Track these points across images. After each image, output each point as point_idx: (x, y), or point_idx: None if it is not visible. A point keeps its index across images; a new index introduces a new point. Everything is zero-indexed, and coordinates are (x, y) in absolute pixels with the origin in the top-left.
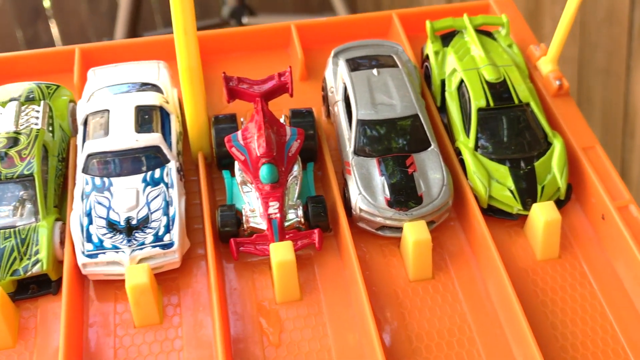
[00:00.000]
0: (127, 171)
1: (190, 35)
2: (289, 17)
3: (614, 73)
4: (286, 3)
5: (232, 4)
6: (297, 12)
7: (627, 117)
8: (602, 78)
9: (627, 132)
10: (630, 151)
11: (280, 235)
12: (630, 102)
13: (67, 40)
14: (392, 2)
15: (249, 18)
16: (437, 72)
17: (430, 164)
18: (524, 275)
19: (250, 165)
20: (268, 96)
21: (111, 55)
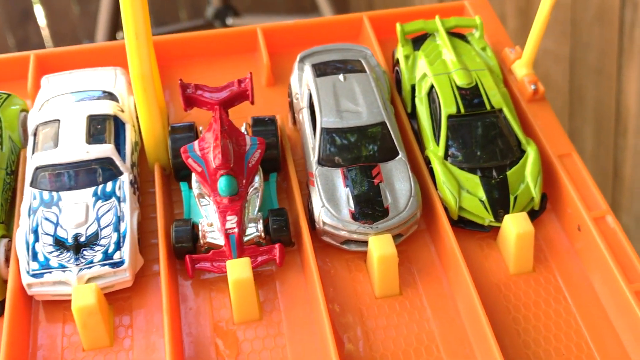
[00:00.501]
0: (76, 185)
1: (142, 40)
2: (274, 17)
3: (606, 72)
4: (278, 4)
5: (217, 4)
6: (289, 12)
7: (619, 117)
8: (594, 77)
9: (619, 131)
10: (623, 150)
11: (238, 251)
12: (622, 101)
13: (58, 42)
14: (385, 3)
15: (233, 19)
16: (408, 77)
17: (398, 174)
18: (495, 290)
19: (208, 177)
20: (227, 104)
21: (68, 61)
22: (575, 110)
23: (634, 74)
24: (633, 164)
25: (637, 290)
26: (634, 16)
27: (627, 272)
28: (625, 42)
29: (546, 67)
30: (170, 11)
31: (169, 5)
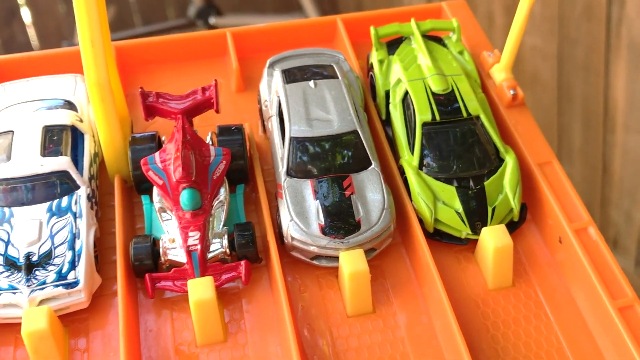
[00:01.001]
0: (30, 200)
1: (98, 47)
2: (258, 17)
3: (594, 69)
4: (266, 3)
5: (199, 4)
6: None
7: (607, 113)
8: (581, 74)
9: (607, 127)
10: (612, 146)
11: (201, 269)
12: (610, 98)
13: (44, 41)
14: (374, 3)
15: (216, 19)
16: (382, 82)
17: (370, 185)
18: (473, 307)
19: (170, 191)
20: (190, 113)
21: (28, 68)
22: (563, 107)
23: (621, 70)
24: (622, 159)
25: (621, 307)
26: (620, 12)
27: (610, 287)
28: (613, 39)
29: (534, 64)
30: (157, 10)
31: (157, 3)
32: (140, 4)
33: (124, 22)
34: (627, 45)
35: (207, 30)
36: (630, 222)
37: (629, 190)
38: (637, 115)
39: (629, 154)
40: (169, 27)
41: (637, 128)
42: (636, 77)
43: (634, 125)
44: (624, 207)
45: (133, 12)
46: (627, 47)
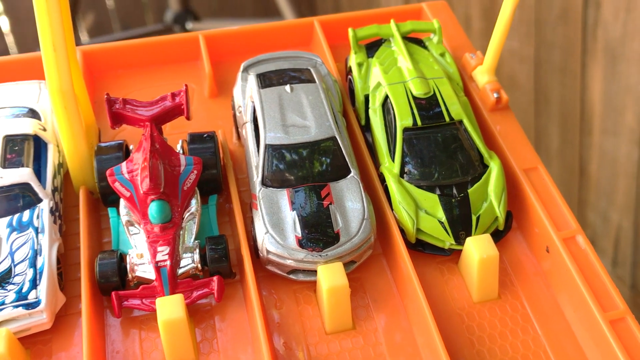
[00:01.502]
0: None
1: (61, 52)
2: (236, 22)
3: (570, 71)
4: (246, 7)
5: (176, 9)
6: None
7: (584, 115)
8: (558, 77)
9: (584, 129)
10: (589, 148)
11: (170, 286)
12: (587, 100)
13: (23, 49)
14: (351, 5)
15: (193, 24)
16: (361, 86)
17: (349, 194)
18: (457, 321)
19: (137, 203)
20: (159, 120)
21: None
22: (540, 110)
23: (598, 72)
24: (599, 161)
25: (612, 319)
26: (596, 15)
27: (600, 299)
28: (589, 41)
29: (511, 67)
30: (136, 15)
31: (135, 9)
32: (118, 10)
33: (103, 29)
34: (603, 47)
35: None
36: (606, 224)
37: (605, 192)
38: (613, 118)
39: (606, 156)
40: (146, 32)
41: (613, 130)
42: (612, 80)
43: (611, 127)
44: (600, 209)
45: (112, 18)
46: (603, 49)
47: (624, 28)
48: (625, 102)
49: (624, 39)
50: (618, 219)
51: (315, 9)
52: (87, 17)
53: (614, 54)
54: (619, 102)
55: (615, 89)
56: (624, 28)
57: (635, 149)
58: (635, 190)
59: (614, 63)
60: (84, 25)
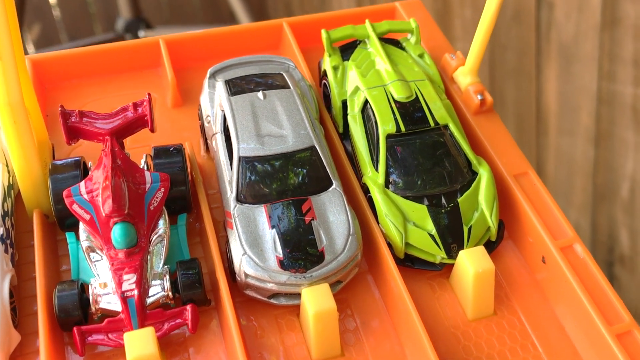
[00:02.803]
0: None
1: (8, 62)
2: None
3: (525, 73)
4: (196, 14)
5: (127, 16)
6: (206, 23)
7: (539, 116)
8: (513, 78)
9: (540, 130)
10: (545, 149)
11: (139, 318)
12: (542, 101)
13: None
14: (302, 8)
15: (146, 31)
16: (337, 91)
17: (332, 208)
18: (453, 341)
19: (99, 226)
20: (121, 133)
21: None
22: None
23: (552, 73)
24: (555, 161)
25: (619, 333)
26: (549, 16)
27: (604, 312)
28: (543, 43)
29: None
30: (84, 25)
31: (83, 19)
32: (65, 20)
33: (49, 40)
34: (557, 48)
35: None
36: None
37: (563, 192)
38: (569, 118)
39: (563, 156)
40: (96, 41)
41: (569, 130)
42: (567, 80)
43: (566, 127)
44: None
45: (59, 29)
46: (557, 50)
47: (577, 28)
48: (580, 102)
49: (577, 39)
50: (575, 218)
51: (266, 13)
52: (32, 28)
53: (567, 54)
54: (574, 102)
55: (569, 89)
56: (577, 28)
57: (591, 148)
58: (592, 189)
59: (568, 63)
60: (29, 37)
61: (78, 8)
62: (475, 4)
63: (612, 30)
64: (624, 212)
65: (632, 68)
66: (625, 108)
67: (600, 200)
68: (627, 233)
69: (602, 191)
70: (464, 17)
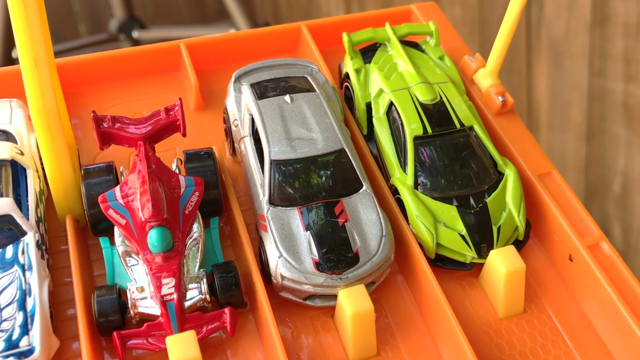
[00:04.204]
0: None
1: (43, 67)
2: (183, 29)
3: (516, 70)
4: (181, 14)
5: (121, 17)
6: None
7: (531, 112)
8: (504, 75)
9: (532, 127)
10: None
11: (179, 322)
12: (534, 98)
13: None
14: (292, 15)
15: (139, 32)
16: (361, 94)
17: (364, 210)
18: (486, 339)
19: (135, 231)
20: (153, 138)
21: None
22: None
23: (543, 70)
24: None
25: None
26: (540, 14)
27: (634, 307)
28: (533, 40)
29: None
30: (67, 25)
31: (67, 18)
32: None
33: None
34: (548, 45)
35: (133, 44)
36: None
37: None
38: (559, 114)
39: (554, 152)
40: (90, 42)
41: (560, 126)
42: (557, 77)
43: (558, 123)
44: None
45: None
46: (547, 47)
47: (567, 25)
48: (571, 98)
49: (567, 37)
50: None
51: (253, 15)
52: None
53: (558, 51)
54: (565, 99)
55: (560, 86)
56: (567, 25)
57: (582, 144)
58: (584, 185)
59: (559, 60)
60: None
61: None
62: (464, 2)
63: (602, 27)
64: (616, 207)
65: (623, 65)
66: (616, 104)
67: (593, 195)
68: (619, 228)
69: (594, 187)
70: (454, 15)
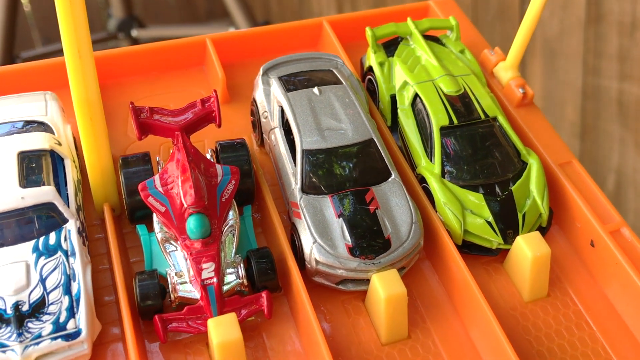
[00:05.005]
0: (11, 239)
1: (86, 59)
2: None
3: None
4: (172, 14)
5: (119, 16)
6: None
7: None
8: None
9: None
10: None
11: (218, 305)
12: None
13: None
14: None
15: (138, 31)
16: (385, 86)
17: (394, 198)
18: (513, 322)
19: (174, 218)
20: (190, 129)
21: None
22: None
23: (537, 69)
24: None
25: None
26: None
27: None
28: None
29: None
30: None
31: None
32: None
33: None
34: (542, 44)
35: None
36: None
37: None
38: (554, 112)
39: None
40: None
41: (555, 124)
42: (552, 75)
43: (552, 121)
44: None
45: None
46: (541, 46)
47: (561, 24)
48: (565, 97)
49: (562, 36)
50: None
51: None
52: None
53: (552, 50)
54: (559, 97)
55: (554, 84)
56: (561, 24)
57: (576, 142)
58: None
59: (553, 59)
60: None
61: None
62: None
63: (596, 26)
64: None
65: (617, 63)
66: (610, 102)
67: None
68: None
69: None
70: None
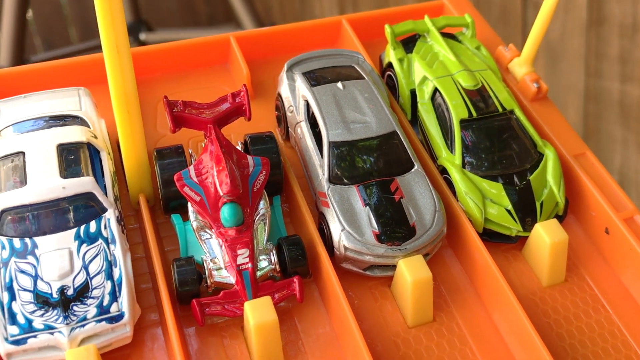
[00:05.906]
0: (54, 227)
1: (124, 54)
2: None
3: None
4: (174, 18)
5: (128, 19)
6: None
7: None
8: None
9: None
10: None
11: (253, 289)
12: None
13: None
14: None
15: (146, 34)
16: (405, 81)
17: (418, 188)
18: (532, 306)
19: (209, 207)
20: (221, 122)
21: (14, 83)
22: None
23: (539, 71)
24: None
25: None
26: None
27: None
28: None
29: None
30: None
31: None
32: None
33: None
34: (544, 47)
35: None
36: None
37: None
38: None
39: None
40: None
41: None
42: (554, 78)
43: None
44: None
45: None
46: (543, 49)
47: (563, 27)
48: (567, 99)
49: (563, 38)
50: None
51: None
52: None
53: (554, 52)
54: (561, 99)
55: (556, 87)
56: (563, 27)
57: None
58: None
59: (555, 62)
60: None
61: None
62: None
63: (598, 28)
64: None
65: (618, 65)
66: (612, 104)
67: None
68: None
69: None
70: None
